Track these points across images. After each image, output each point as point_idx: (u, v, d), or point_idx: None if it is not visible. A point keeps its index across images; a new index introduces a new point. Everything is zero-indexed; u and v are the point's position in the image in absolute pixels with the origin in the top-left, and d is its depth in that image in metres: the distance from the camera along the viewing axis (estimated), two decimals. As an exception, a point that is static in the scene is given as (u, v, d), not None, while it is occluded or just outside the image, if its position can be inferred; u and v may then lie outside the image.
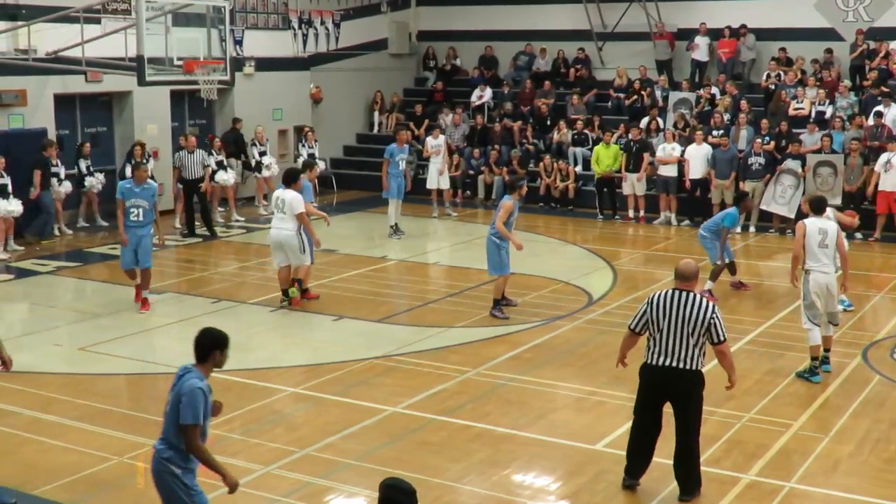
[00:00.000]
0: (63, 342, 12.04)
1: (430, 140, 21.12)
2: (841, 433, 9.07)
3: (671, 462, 7.88)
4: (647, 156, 20.08)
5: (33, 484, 7.90)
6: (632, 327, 7.76)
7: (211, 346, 6.08)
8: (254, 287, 14.58)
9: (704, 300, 7.57)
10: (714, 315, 7.48)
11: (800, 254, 10.43)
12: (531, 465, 8.45)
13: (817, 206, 10.73)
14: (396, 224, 18.21)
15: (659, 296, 7.60)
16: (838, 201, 18.36)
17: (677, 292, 7.57)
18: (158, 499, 6.06)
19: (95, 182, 18.92)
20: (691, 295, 7.55)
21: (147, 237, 13.03)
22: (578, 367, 10.84)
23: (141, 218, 12.92)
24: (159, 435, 6.06)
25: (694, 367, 7.53)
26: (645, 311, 7.63)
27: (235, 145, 20.70)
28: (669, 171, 19.72)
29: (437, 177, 20.67)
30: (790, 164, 18.83)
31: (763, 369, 10.88)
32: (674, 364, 7.51)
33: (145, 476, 8.08)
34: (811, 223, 10.50)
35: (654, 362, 7.60)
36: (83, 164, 18.95)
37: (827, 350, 10.71)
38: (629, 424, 8.02)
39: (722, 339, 7.52)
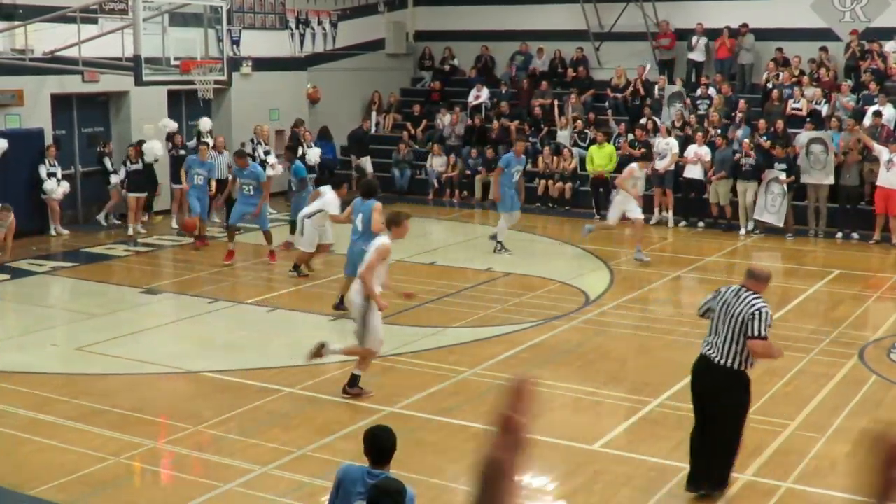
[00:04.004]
0: (60, 342, 12.03)
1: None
2: (838, 433, 9.07)
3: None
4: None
5: (30, 484, 7.88)
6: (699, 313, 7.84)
7: None
8: (250, 287, 14.58)
9: (757, 301, 7.31)
10: (756, 311, 7.25)
11: None
12: (528, 465, 8.44)
13: None
14: (498, 238, 16.68)
15: (725, 289, 7.61)
16: (831, 179, 18.36)
17: (739, 288, 7.51)
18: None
19: (117, 181, 18.81)
20: (743, 292, 7.41)
21: None
22: (576, 368, 10.84)
23: None
24: None
25: (726, 364, 7.36)
26: (708, 300, 7.71)
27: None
28: (665, 165, 19.70)
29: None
30: (775, 172, 18.74)
31: (759, 369, 10.83)
32: (712, 355, 7.44)
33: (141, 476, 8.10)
34: None
35: (702, 351, 7.62)
36: (108, 162, 18.94)
37: None
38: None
39: (756, 334, 7.24)
